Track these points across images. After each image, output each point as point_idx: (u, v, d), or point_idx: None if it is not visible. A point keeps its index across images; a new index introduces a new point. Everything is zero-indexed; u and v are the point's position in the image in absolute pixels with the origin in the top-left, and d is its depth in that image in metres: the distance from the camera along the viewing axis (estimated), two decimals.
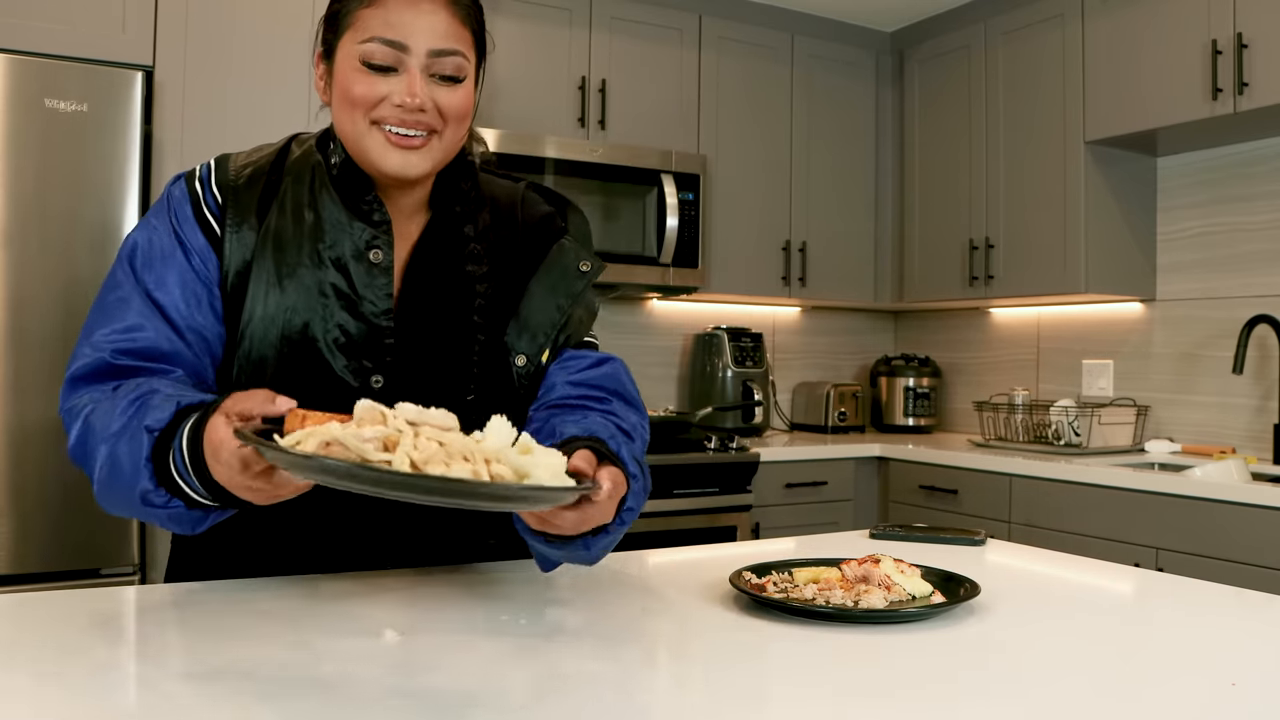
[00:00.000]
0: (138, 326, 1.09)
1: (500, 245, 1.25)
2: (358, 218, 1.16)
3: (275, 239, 1.15)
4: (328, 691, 0.82)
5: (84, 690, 0.80)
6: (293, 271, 1.14)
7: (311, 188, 1.17)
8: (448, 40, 1.12)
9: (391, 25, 1.09)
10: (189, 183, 1.17)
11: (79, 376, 1.09)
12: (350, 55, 1.11)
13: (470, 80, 1.16)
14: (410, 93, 1.10)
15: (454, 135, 1.16)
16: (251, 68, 2.52)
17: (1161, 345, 3.37)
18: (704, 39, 3.58)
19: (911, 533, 1.54)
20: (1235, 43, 2.75)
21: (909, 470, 3.43)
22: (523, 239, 1.27)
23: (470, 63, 1.15)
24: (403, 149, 1.12)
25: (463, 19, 1.14)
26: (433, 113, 1.12)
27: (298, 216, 1.16)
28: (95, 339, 1.10)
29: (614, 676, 0.87)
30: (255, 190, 1.17)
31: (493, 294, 1.22)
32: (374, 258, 1.16)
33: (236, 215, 1.15)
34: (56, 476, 2.26)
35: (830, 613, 1.03)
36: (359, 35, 1.10)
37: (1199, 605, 1.18)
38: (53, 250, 2.26)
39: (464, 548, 1.29)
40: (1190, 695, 0.84)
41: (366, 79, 1.10)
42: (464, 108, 1.15)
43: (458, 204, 1.24)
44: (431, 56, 1.11)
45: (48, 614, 1.02)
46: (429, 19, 1.10)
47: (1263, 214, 3.10)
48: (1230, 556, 2.47)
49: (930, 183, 3.82)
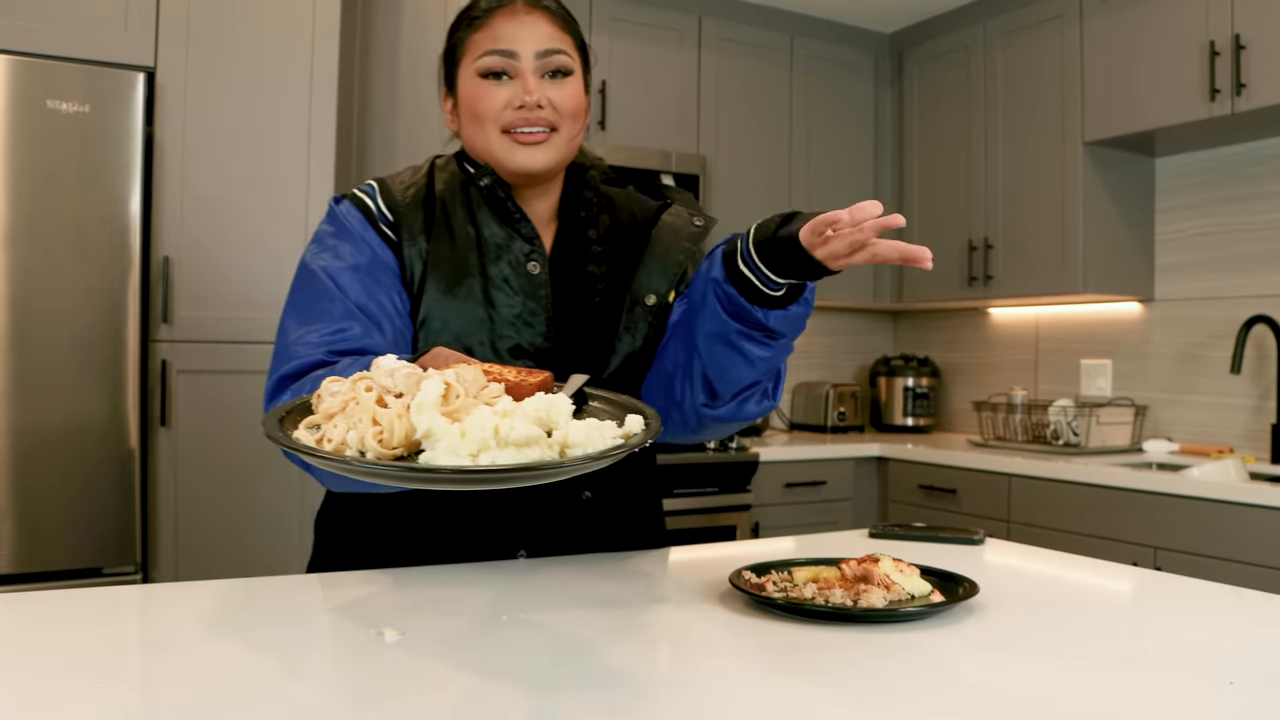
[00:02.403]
0: (346, 326, 1.16)
1: (619, 244, 1.34)
2: (514, 233, 1.27)
3: (442, 254, 1.24)
4: (328, 691, 0.83)
5: (84, 690, 0.80)
6: (460, 282, 1.24)
7: (468, 207, 1.28)
8: (551, 41, 1.24)
9: (499, 38, 1.23)
10: (357, 203, 1.26)
11: (291, 374, 1.14)
12: (469, 76, 1.25)
13: (578, 76, 1.27)
14: (526, 90, 1.21)
15: (570, 130, 1.26)
16: (253, 69, 2.52)
17: (1160, 345, 3.37)
18: (704, 40, 3.58)
19: (910, 532, 1.55)
20: (1233, 44, 2.76)
21: (908, 470, 3.44)
22: (639, 231, 1.36)
23: (576, 61, 1.26)
24: (527, 145, 1.23)
25: (562, 26, 1.26)
26: (549, 109, 1.23)
27: (459, 234, 1.26)
28: (307, 340, 1.15)
29: (613, 675, 0.87)
30: (419, 210, 1.27)
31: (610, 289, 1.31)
32: (532, 269, 1.26)
33: (408, 231, 1.25)
34: (59, 477, 2.27)
35: (830, 612, 1.03)
36: (474, 55, 1.24)
37: (1197, 604, 1.19)
38: (55, 252, 2.26)
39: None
40: (1188, 694, 0.84)
41: (486, 90, 1.23)
42: (577, 101, 1.26)
43: (582, 209, 1.35)
44: (540, 58, 1.23)
45: (50, 613, 1.03)
46: (531, 27, 1.23)
47: (1261, 214, 3.10)
48: (1228, 556, 2.48)
49: (929, 183, 3.82)
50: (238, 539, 2.49)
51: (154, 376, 2.41)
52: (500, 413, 0.68)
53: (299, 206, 2.57)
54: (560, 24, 1.26)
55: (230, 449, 2.49)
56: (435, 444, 0.68)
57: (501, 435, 0.68)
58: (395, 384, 0.74)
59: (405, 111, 3.00)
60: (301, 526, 2.57)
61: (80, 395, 2.29)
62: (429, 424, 0.68)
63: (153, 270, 2.41)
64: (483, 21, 1.24)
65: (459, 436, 0.67)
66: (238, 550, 2.49)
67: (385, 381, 0.75)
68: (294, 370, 1.14)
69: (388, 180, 1.30)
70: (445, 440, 0.67)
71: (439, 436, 0.67)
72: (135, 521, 2.35)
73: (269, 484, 2.53)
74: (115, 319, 2.32)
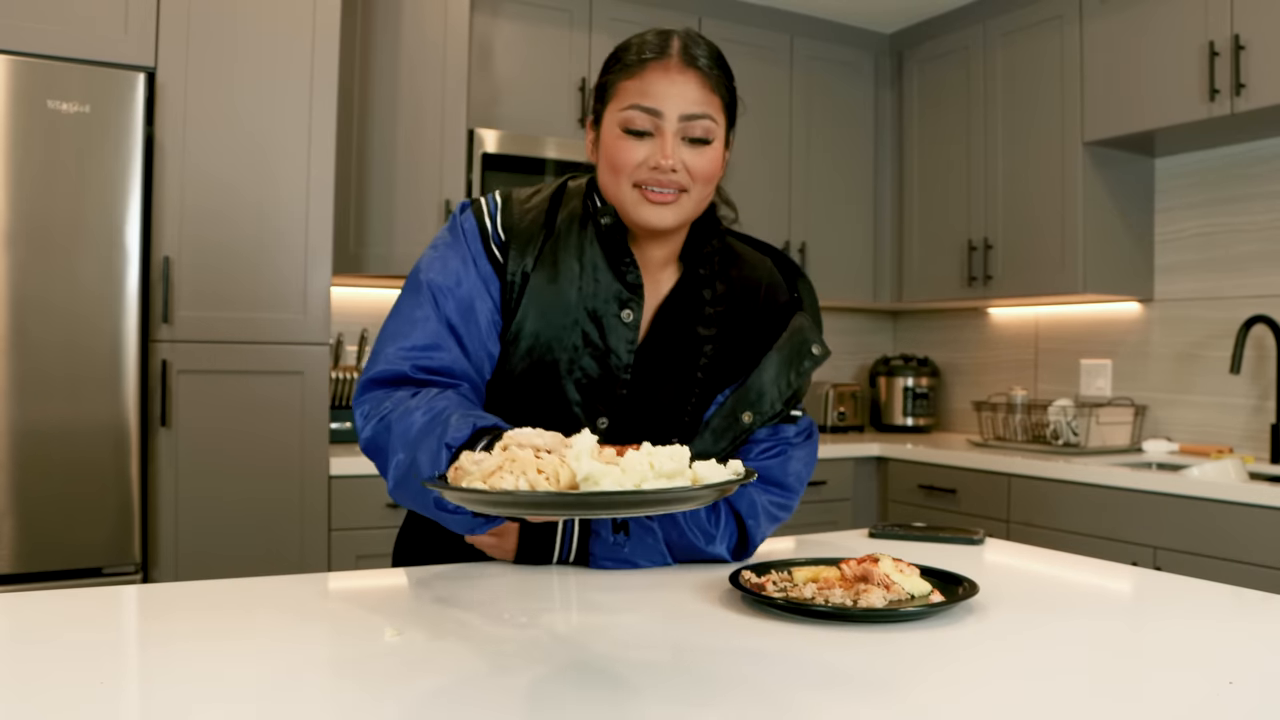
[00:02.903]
0: (435, 346, 1.24)
1: (736, 312, 1.36)
2: (617, 277, 1.29)
3: (546, 277, 1.28)
4: (328, 691, 0.83)
5: (84, 690, 0.80)
6: (555, 307, 1.28)
7: (580, 239, 1.31)
8: (698, 105, 1.23)
9: (647, 94, 1.23)
10: (478, 216, 1.31)
11: (376, 380, 1.24)
12: (614, 122, 1.25)
13: (719, 142, 1.27)
14: (663, 154, 1.22)
15: (701, 193, 1.27)
16: (254, 69, 2.52)
17: (1159, 345, 3.37)
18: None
19: (910, 532, 1.55)
20: (1232, 44, 2.76)
21: (908, 470, 3.44)
22: (762, 312, 1.38)
23: (720, 125, 1.27)
24: (655, 204, 1.24)
25: (713, 87, 1.25)
26: (683, 172, 1.24)
27: (566, 263, 1.29)
28: (397, 351, 1.24)
29: (612, 675, 0.87)
30: (535, 232, 1.30)
31: (717, 356, 1.34)
32: (625, 317, 1.29)
33: (518, 252, 1.29)
34: (59, 477, 2.27)
35: (829, 612, 1.03)
36: (621, 104, 1.24)
37: (1196, 604, 1.19)
38: (55, 252, 2.26)
39: None
40: (1188, 694, 0.84)
41: (627, 145, 1.24)
42: (712, 168, 1.27)
43: (703, 265, 1.35)
44: (683, 121, 1.23)
45: (50, 613, 1.03)
46: (681, 87, 1.23)
47: (1260, 214, 3.10)
48: (1228, 555, 2.48)
49: (929, 183, 3.82)
50: (238, 539, 2.49)
51: (154, 376, 2.41)
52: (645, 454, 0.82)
53: (299, 206, 2.57)
54: (711, 85, 1.25)
55: (230, 449, 2.49)
56: (597, 483, 0.80)
57: (656, 468, 0.81)
58: (545, 442, 0.87)
59: (405, 111, 3.00)
60: (301, 526, 2.57)
61: (80, 395, 2.29)
62: (588, 469, 0.81)
63: (153, 270, 2.41)
64: (635, 70, 1.24)
65: (620, 473, 0.80)
66: (238, 550, 2.49)
67: (536, 441, 0.88)
68: (379, 376, 1.23)
69: (513, 197, 1.33)
70: (608, 478, 0.80)
71: (599, 477, 0.81)
72: (135, 521, 2.35)
73: (269, 484, 2.54)
74: (115, 319, 2.32)
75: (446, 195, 3.03)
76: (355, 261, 2.96)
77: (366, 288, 3.35)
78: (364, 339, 3.23)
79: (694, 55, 1.24)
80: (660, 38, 1.25)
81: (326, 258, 2.60)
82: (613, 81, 1.27)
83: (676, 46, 1.24)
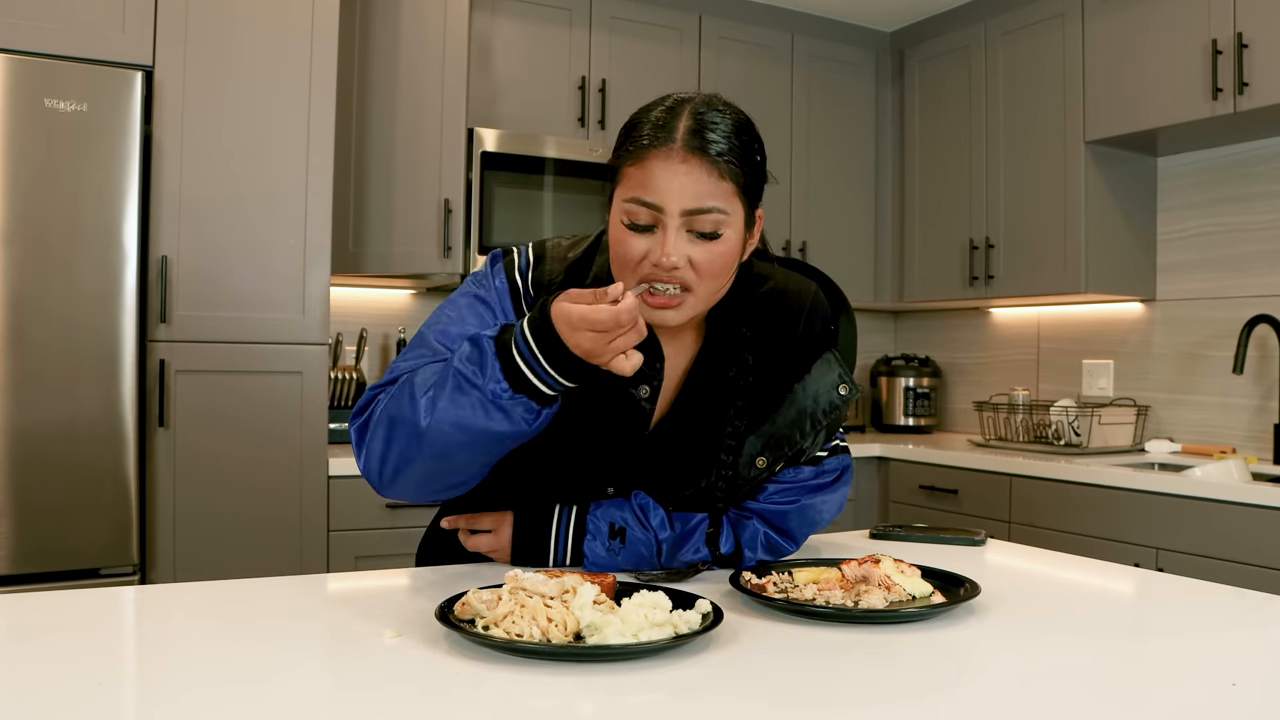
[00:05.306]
0: None
1: (772, 351, 1.29)
2: None
3: None
4: (327, 692, 0.82)
5: (83, 690, 0.80)
6: None
7: None
8: (703, 199, 1.13)
9: (648, 187, 1.13)
10: (509, 273, 1.28)
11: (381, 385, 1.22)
12: (619, 210, 1.17)
13: (732, 232, 1.17)
14: (663, 253, 1.13)
15: (709, 289, 1.18)
16: (252, 68, 2.52)
17: (1162, 345, 3.37)
18: (704, 39, 3.58)
19: (911, 533, 1.54)
20: (1235, 43, 2.75)
21: (909, 470, 3.43)
22: (798, 347, 1.30)
23: (733, 214, 1.16)
24: (656, 309, 1.16)
25: (722, 173, 1.14)
26: (686, 269, 1.15)
27: None
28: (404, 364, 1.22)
29: (612, 675, 0.87)
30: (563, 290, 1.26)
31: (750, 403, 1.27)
32: (641, 393, 1.25)
33: None
34: (57, 477, 2.26)
35: (830, 613, 1.03)
36: (626, 192, 1.16)
37: (1199, 605, 1.18)
38: (52, 251, 2.26)
39: None
40: (1190, 695, 0.84)
41: (630, 239, 1.16)
42: (720, 264, 1.17)
43: (735, 319, 1.28)
44: (686, 215, 1.14)
45: (48, 614, 1.02)
46: (684, 179, 1.13)
47: (1263, 214, 3.10)
48: (1230, 556, 2.47)
49: (930, 183, 3.82)
50: (236, 539, 2.49)
51: (152, 376, 2.41)
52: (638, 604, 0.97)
53: (298, 206, 2.56)
54: (720, 171, 1.14)
55: (229, 449, 2.49)
56: (600, 630, 0.93)
57: (650, 620, 0.94)
58: (549, 590, 0.97)
59: (404, 110, 2.99)
60: (300, 527, 2.57)
61: (78, 395, 2.28)
62: (591, 617, 0.95)
63: (151, 270, 2.40)
64: (639, 157, 1.15)
65: (620, 623, 0.94)
66: (236, 550, 2.48)
67: (542, 589, 0.97)
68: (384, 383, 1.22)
69: (547, 253, 1.28)
70: (610, 627, 0.93)
71: (601, 625, 0.94)
72: (133, 522, 2.34)
73: (268, 484, 2.53)
74: (113, 319, 2.32)
75: (446, 194, 3.02)
76: (354, 261, 2.96)
77: (365, 287, 3.34)
78: (363, 338, 3.23)
79: (703, 140, 1.13)
80: (668, 116, 1.16)
81: (325, 257, 2.60)
82: (618, 166, 1.19)
83: (682, 130, 1.14)
